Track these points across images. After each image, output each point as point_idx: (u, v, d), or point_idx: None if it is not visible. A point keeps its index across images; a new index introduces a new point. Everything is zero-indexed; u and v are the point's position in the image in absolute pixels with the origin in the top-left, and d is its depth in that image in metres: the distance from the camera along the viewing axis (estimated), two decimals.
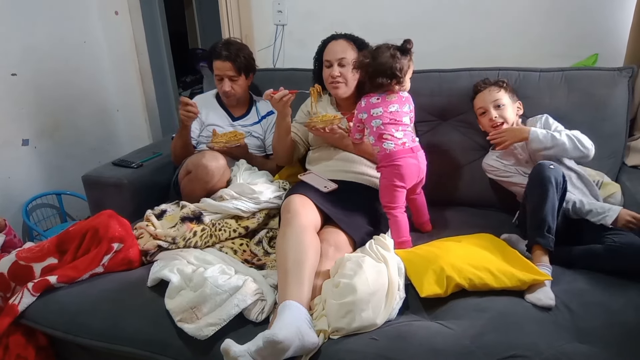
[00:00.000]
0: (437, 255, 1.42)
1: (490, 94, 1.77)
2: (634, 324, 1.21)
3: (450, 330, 1.22)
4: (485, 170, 1.82)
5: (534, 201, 1.47)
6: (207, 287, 1.33)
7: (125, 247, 1.60)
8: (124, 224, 1.66)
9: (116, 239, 1.58)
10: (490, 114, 1.75)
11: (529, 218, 1.49)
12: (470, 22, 2.27)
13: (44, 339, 1.54)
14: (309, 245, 1.44)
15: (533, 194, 1.48)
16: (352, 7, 2.42)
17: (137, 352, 1.37)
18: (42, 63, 2.56)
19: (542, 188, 1.44)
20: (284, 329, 1.15)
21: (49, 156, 2.66)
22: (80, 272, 1.53)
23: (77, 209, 2.80)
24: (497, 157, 1.78)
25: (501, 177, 1.77)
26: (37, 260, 1.58)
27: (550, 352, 1.12)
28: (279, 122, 1.84)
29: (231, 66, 2.03)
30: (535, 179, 1.48)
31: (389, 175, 1.61)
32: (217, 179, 1.83)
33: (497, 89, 1.77)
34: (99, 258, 1.55)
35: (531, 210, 1.48)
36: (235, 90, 2.08)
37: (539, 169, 1.47)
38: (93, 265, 1.54)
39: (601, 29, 2.11)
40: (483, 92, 1.79)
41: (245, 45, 2.15)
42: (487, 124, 1.77)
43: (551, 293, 1.29)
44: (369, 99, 1.65)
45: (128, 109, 3.06)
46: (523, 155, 1.74)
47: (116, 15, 2.84)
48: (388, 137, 1.60)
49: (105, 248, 1.57)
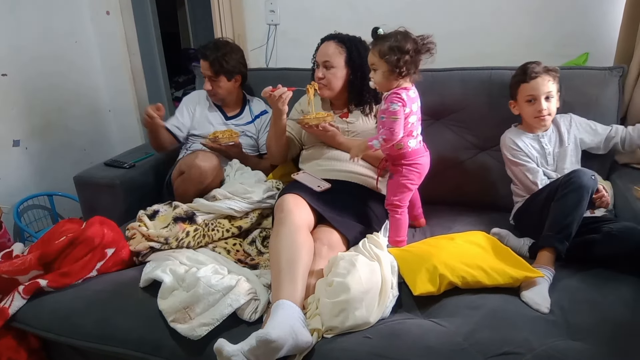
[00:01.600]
0: (430, 253, 1.43)
1: (545, 83, 1.64)
2: (625, 320, 1.22)
3: (444, 328, 1.23)
4: (504, 146, 1.74)
5: (565, 205, 1.41)
6: (200, 287, 1.33)
7: (118, 249, 1.60)
8: (113, 227, 1.65)
9: (109, 245, 1.58)
10: (541, 105, 1.65)
11: (551, 219, 1.44)
12: (462, 21, 2.28)
13: (36, 341, 1.52)
14: (302, 244, 1.44)
15: (566, 197, 1.41)
16: (344, 5, 2.42)
17: (129, 353, 1.36)
18: (33, 63, 2.54)
19: (578, 195, 1.39)
20: (277, 328, 1.14)
21: (40, 157, 2.64)
22: (72, 279, 1.51)
23: (68, 210, 2.78)
24: (526, 138, 1.71)
25: (516, 159, 1.70)
26: (21, 273, 1.52)
27: (543, 348, 1.13)
28: (274, 120, 1.84)
29: (208, 66, 2.04)
30: (573, 183, 1.41)
31: (408, 174, 1.58)
32: (211, 179, 1.83)
33: (550, 79, 1.65)
34: (92, 265, 1.54)
35: (558, 213, 1.42)
36: (215, 90, 2.09)
37: (581, 175, 1.42)
38: (85, 272, 1.53)
39: (591, 28, 2.13)
40: (537, 79, 1.65)
41: (233, 47, 2.13)
42: (531, 113, 1.68)
43: (547, 293, 1.30)
44: (407, 92, 1.53)
45: (120, 109, 3.05)
46: (549, 149, 1.70)
47: (107, 15, 2.83)
48: (415, 134, 1.57)
49: (99, 255, 1.56)
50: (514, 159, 1.71)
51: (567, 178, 1.45)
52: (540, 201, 1.56)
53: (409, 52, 1.49)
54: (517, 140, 1.71)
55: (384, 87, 1.57)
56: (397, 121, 1.50)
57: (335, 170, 1.82)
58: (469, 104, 1.94)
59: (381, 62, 1.52)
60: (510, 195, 1.81)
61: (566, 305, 1.28)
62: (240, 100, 2.22)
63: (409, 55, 1.50)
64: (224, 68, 2.04)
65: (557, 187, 1.47)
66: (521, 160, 1.69)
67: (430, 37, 1.53)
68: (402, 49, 1.49)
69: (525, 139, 1.71)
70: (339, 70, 1.80)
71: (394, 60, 1.49)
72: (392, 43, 1.50)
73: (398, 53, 1.49)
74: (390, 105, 1.51)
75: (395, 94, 1.51)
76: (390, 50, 1.49)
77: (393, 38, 1.50)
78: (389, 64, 1.50)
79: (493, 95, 1.90)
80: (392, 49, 1.49)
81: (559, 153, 1.71)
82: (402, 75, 1.52)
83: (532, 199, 1.63)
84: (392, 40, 1.50)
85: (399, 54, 1.49)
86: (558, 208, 1.43)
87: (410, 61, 1.51)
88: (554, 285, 1.35)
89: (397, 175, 1.60)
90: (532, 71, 1.66)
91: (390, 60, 1.50)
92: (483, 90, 1.92)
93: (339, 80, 1.81)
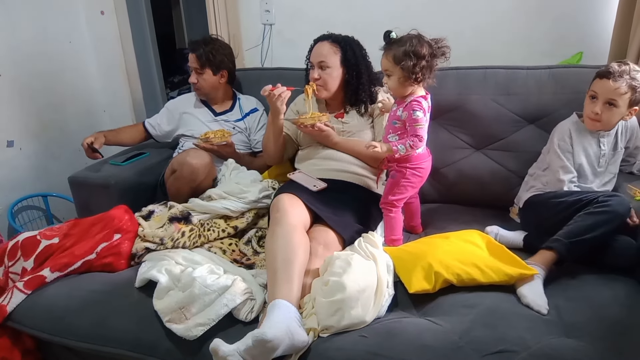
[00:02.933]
0: (425, 251, 1.43)
1: (614, 88, 1.50)
2: (619, 317, 1.23)
3: (439, 327, 1.23)
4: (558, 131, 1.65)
5: (591, 222, 1.37)
6: (196, 287, 1.33)
7: (122, 239, 1.62)
8: (134, 221, 1.69)
9: (120, 230, 1.62)
10: (597, 108, 1.54)
11: (571, 227, 1.39)
12: (457, 21, 2.28)
13: (31, 341, 1.52)
14: (298, 244, 1.44)
15: (596, 215, 1.37)
16: (339, 5, 2.42)
17: (125, 353, 1.36)
18: (27, 63, 2.53)
19: (608, 219, 1.36)
20: (273, 327, 1.14)
21: (35, 157, 2.62)
22: (76, 258, 1.54)
23: (63, 210, 2.77)
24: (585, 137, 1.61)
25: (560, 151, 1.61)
26: (47, 237, 1.63)
27: (538, 346, 1.13)
28: (272, 119, 1.84)
29: (195, 58, 2.09)
30: (610, 206, 1.37)
31: (411, 177, 1.58)
32: (203, 176, 1.83)
33: (624, 88, 1.50)
34: (96, 244, 1.57)
35: (581, 225, 1.38)
36: (200, 83, 2.13)
37: (622, 204, 1.38)
38: (89, 252, 1.56)
39: (585, 27, 2.14)
40: (609, 80, 1.51)
41: (222, 43, 2.18)
42: (588, 110, 1.58)
43: (543, 292, 1.30)
44: (426, 99, 1.53)
45: (115, 109, 3.03)
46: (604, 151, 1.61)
47: (102, 15, 2.81)
48: None
49: (107, 237, 1.59)
50: (559, 150, 1.62)
51: (605, 199, 1.39)
52: (564, 203, 1.49)
53: (425, 57, 1.46)
54: (575, 136, 1.62)
55: (398, 92, 1.55)
56: (422, 128, 1.50)
57: (331, 169, 1.82)
58: (463, 103, 1.94)
59: (396, 68, 1.48)
60: (505, 194, 1.82)
61: (561, 303, 1.29)
62: (229, 96, 2.24)
63: (425, 60, 1.47)
64: (209, 61, 2.09)
65: (590, 201, 1.42)
66: (564, 156, 1.61)
67: (444, 40, 1.50)
68: (418, 54, 1.45)
69: (583, 139, 1.62)
70: (335, 70, 1.80)
71: (410, 66, 1.45)
72: (408, 48, 1.45)
73: (414, 58, 1.45)
74: (413, 112, 1.50)
75: (417, 102, 1.50)
76: (406, 56, 1.45)
77: (408, 43, 1.47)
78: (404, 70, 1.47)
79: (488, 94, 1.91)
80: (408, 54, 1.45)
81: (613, 156, 1.65)
82: (418, 81, 1.50)
83: (556, 196, 1.56)
84: (408, 45, 1.46)
85: (415, 60, 1.45)
86: (583, 221, 1.39)
87: (426, 66, 1.48)
88: (549, 283, 1.36)
89: (399, 176, 1.60)
90: (610, 70, 1.53)
91: (407, 67, 1.46)
92: (478, 90, 1.93)
93: (335, 80, 1.81)
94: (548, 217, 1.52)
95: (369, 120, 1.87)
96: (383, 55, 1.54)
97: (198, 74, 2.11)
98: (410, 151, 1.52)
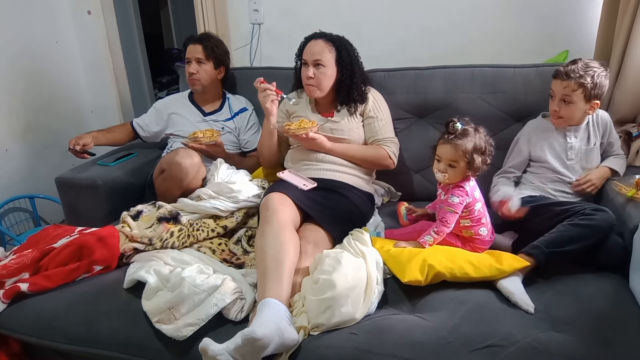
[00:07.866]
0: (419, 249, 1.46)
1: (564, 87, 1.59)
2: (606, 312, 1.25)
3: (429, 323, 1.24)
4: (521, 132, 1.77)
5: (573, 233, 1.38)
6: (185, 287, 1.32)
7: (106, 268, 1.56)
8: (113, 247, 1.57)
9: (100, 263, 1.54)
10: (554, 105, 1.64)
11: (553, 236, 1.40)
12: (444, 19, 2.30)
13: (17, 345, 1.50)
14: (288, 242, 1.44)
15: (579, 227, 1.38)
16: (328, 5, 2.43)
17: (114, 355, 1.35)
18: (13, 64, 2.50)
19: (590, 233, 1.37)
20: (263, 326, 1.14)
21: (21, 159, 2.59)
22: (53, 283, 1.48)
23: (50, 212, 2.74)
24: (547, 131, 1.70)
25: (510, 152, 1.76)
26: (10, 276, 1.49)
27: (526, 340, 1.15)
28: (265, 119, 1.85)
29: (201, 49, 2.10)
30: (594, 220, 1.38)
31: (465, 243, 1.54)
32: (192, 176, 1.81)
33: (573, 86, 1.57)
34: (77, 275, 1.51)
35: (563, 235, 1.39)
36: (200, 75, 2.12)
37: (607, 220, 1.39)
38: (68, 280, 1.49)
39: (571, 26, 2.17)
40: (559, 80, 1.61)
41: (221, 41, 2.21)
42: (550, 109, 1.67)
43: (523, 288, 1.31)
44: (469, 182, 1.52)
45: (102, 110, 3.01)
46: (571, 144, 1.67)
47: (89, 15, 2.79)
48: (485, 221, 1.53)
49: (86, 268, 1.52)
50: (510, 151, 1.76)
51: (591, 212, 1.40)
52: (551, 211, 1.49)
53: (487, 152, 1.50)
54: (536, 135, 1.72)
55: (455, 181, 1.53)
56: (454, 214, 1.49)
57: (321, 169, 1.82)
58: (451, 102, 1.95)
59: (464, 160, 1.48)
60: None
61: (548, 298, 1.30)
62: (219, 96, 2.23)
63: (487, 156, 1.50)
64: (214, 53, 2.12)
65: (576, 212, 1.42)
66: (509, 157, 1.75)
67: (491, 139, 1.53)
68: (482, 149, 1.48)
69: (548, 135, 1.69)
70: (329, 69, 1.79)
71: (479, 162, 1.47)
72: (477, 143, 1.48)
73: (481, 155, 1.48)
74: (450, 197, 1.50)
75: (460, 187, 1.50)
76: (475, 152, 1.47)
77: (474, 137, 1.48)
78: (470, 163, 1.47)
79: (475, 93, 1.93)
80: (477, 150, 1.47)
81: (585, 151, 1.68)
82: (477, 174, 1.51)
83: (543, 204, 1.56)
84: (477, 140, 1.48)
85: (482, 156, 1.48)
86: (566, 232, 1.39)
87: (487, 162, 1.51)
88: (535, 278, 1.38)
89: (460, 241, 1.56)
90: (559, 70, 1.62)
91: (475, 162, 1.47)
92: (465, 88, 1.94)
93: (329, 79, 1.80)
94: (535, 224, 1.51)
95: (359, 119, 1.87)
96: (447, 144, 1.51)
97: (200, 64, 2.11)
98: (437, 237, 1.51)
